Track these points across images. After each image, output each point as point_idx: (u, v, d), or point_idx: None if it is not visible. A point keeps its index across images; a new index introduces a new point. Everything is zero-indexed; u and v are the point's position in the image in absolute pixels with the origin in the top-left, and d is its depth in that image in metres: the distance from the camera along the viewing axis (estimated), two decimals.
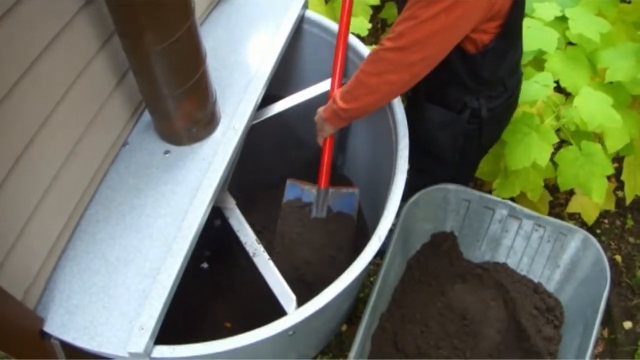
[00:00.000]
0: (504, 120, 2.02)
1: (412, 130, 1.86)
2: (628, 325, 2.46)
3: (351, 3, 1.93)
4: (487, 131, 1.92)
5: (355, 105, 1.70)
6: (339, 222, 2.16)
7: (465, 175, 2.34)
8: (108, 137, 1.64)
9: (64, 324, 1.42)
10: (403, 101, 1.91)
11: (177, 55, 1.45)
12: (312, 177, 2.12)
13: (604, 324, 2.46)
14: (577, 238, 2.09)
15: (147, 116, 1.75)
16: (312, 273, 2.11)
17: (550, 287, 2.19)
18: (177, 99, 1.56)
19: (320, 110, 1.89)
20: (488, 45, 1.63)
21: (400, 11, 1.55)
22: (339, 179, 2.50)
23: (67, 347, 1.43)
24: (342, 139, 2.34)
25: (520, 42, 1.79)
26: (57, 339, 1.41)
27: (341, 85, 1.96)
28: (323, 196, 2.12)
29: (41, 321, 1.41)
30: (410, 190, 1.96)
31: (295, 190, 2.16)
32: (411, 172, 1.84)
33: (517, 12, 1.61)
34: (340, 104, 1.72)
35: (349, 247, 2.14)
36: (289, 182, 2.16)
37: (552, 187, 2.58)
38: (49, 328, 1.41)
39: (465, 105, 1.82)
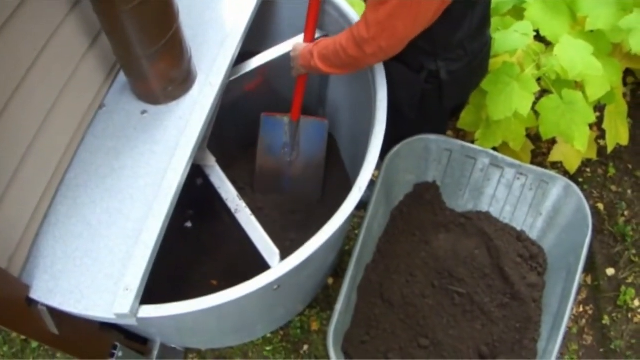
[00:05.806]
0: (467, 83, 2.03)
1: None
2: (610, 271, 2.50)
3: None
4: (447, 92, 1.91)
5: (333, 71, 1.78)
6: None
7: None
8: (83, 100, 1.62)
9: (50, 290, 1.43)
10: None
11: (148, 14, 1.42)
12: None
13: (587, 270, 2.50)
14: (559, 185, 2.11)
15: (122, 77, 1.72)
16: None
17: (533, 235, 2.22)
18: (150, 58, 1.54)
19: (297, 49, 1.90)
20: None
21: None
22: None
23: (54, 312, 1.44)
24: (322, 92, 2.33)
25: (480, 8, 1.76)
26: (43, 304, 1.42)
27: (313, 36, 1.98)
28: (295, 128, 2.24)
29: (26, 288, 1.42)
30: None
31: (270, 123, 2.27)
32: None
33: None
34: (320, 64, 1.77)
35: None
36: (263, 116, 2.27)
37: (533, 136, 2.59)
38: (35, 294, 1.42)
39: (422, 66, 1.82)
